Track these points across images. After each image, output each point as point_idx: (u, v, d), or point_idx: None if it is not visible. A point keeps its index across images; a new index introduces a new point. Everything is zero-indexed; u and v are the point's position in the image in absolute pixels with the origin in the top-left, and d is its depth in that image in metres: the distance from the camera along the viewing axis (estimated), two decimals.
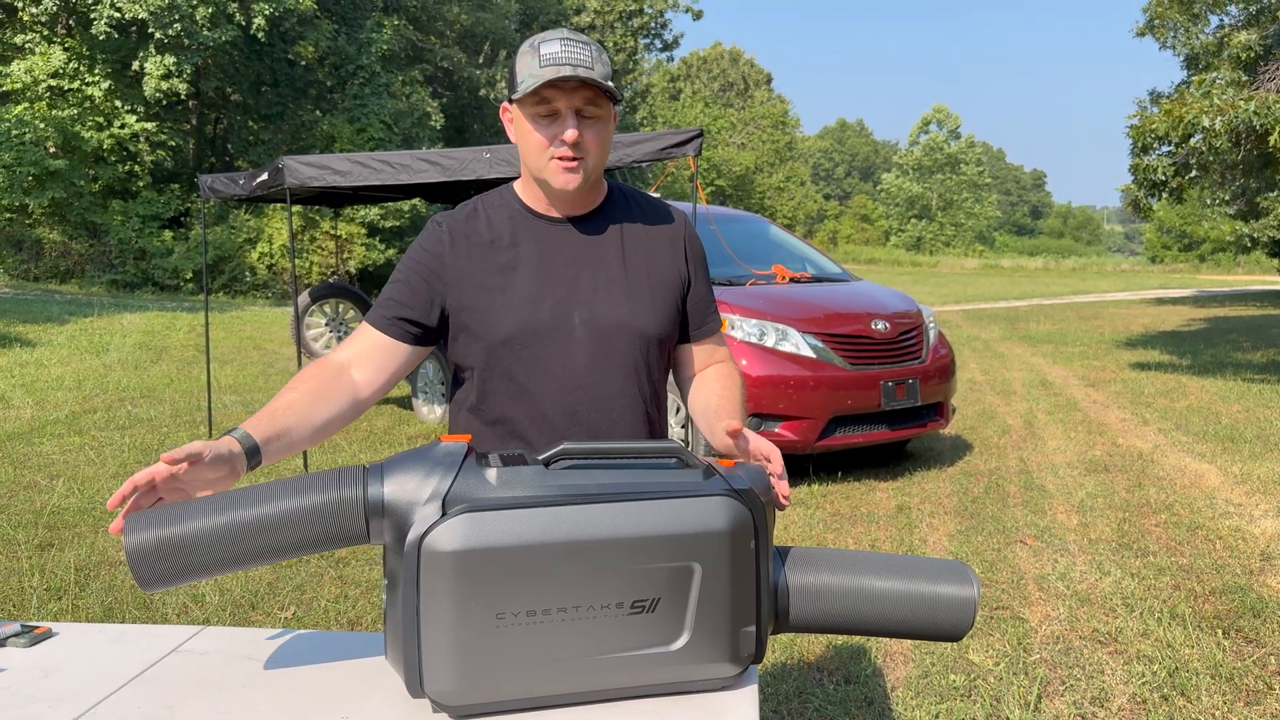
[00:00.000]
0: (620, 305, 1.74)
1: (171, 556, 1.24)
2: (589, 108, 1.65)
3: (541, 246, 1.74)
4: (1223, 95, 10.69)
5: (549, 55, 1.61)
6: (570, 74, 1.59)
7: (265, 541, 1.25)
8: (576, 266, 1.74)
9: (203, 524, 1.24)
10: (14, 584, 4.20)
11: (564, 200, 1.74)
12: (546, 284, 1.72)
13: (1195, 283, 37.89)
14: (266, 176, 7.00)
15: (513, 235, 1.75)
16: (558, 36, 1.64)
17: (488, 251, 1.74)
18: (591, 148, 1.67)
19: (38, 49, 23.43)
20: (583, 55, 1.62)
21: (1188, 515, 5.39)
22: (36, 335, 12.96)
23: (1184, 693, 3.27)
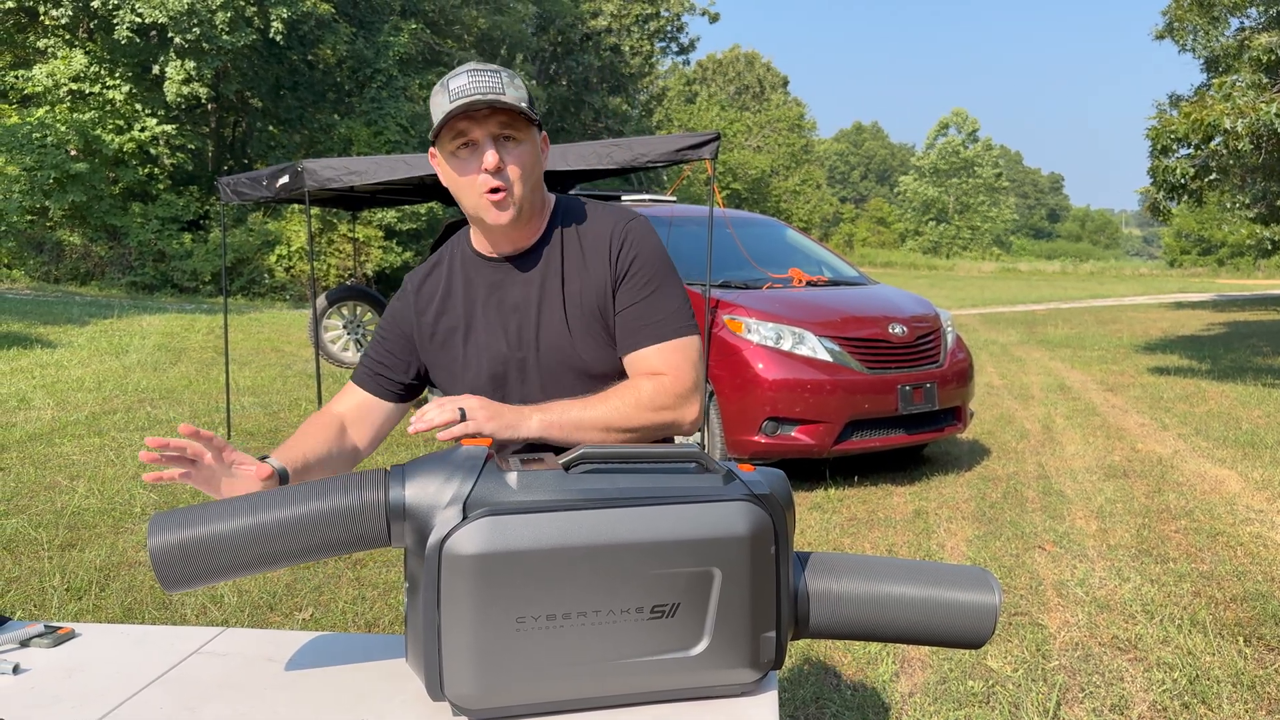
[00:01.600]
0: (563, 341, 1.69)
1: (194, 558, 1.25)
2: (507, 132, 1.62)
3: (491, 291, 1.74)
4: (1244, 98, 10.61)
5: (458, 89, 1.59)
6: (480, 100, 1.57)
7: (287, 544, 1.25)
8: (523, 306, 1.71)
9: (226, 526, 1.25)
10: (35, 584, 4.24)
11: (505, 236, 1.70)
12: (498, 330, 1.72)
13: (1214, 287, 37.61)
14: (286, 179, 7.04)
15: (465, 285, 1.76)
16: (465, 70, 1.62)
17: (445, 305, 1.76)
18: (515, 176, 1.63)
19: (59, 53, 23.65)
20: (491, 83, 1.60)
21: (1208, 521, 5.35)
22: (57, 337, 13.06)
23: (1205, 701, 3.24)
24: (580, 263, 1.71)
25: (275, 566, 1.28)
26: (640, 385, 1.65)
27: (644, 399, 1.63)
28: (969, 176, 70.80)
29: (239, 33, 23.42)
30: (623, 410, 1.61)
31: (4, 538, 4.88)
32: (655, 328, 1.68)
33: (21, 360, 10.97)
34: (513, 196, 1.64)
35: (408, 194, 9.12)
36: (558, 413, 1.59)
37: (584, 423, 1.59)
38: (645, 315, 1.68)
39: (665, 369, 1.67)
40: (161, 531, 1.25)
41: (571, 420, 1.58)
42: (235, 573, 1.26)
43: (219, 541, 1.24)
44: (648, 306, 1.69)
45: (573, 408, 1.60)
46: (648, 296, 1.69)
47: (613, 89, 42.39)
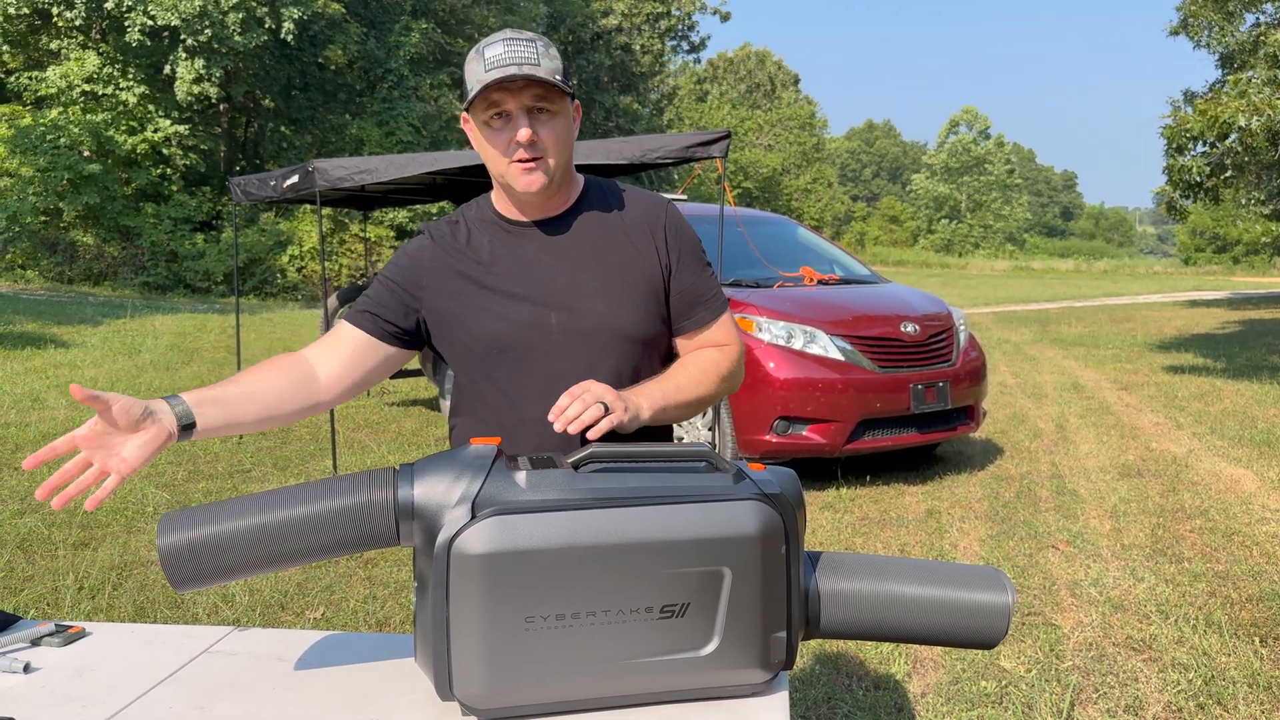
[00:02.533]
0: (596, 305, 1.70)
1: (203, 557, 1.24)
2: (541, 105, 1.62)
3: (517, 253, 1.73)
4: (1259, 94, 10.54)
5: (493, 58, 1.59)
6: (515, 73, 1.56)
7: (295, 543, 1.25)
8: (552, 270, 1.71)
9: (234, 525, 1.25)
10: (49, 583, 4.25)
11: (532, 204, 1.71)
12: (523, 290, 1.71)
13: (1229, 285, 37.38)
14: (297, 179, 7.06)
15: (489, 244, 1.74)
16: (501, 38, 1.61)
17: (465, 261, 1.74)
18: (549, 145, 1.64)
19: (72, 54, 23.78)
20: (527, 53, 1.59)
21: (1223, 521, 5.32)
22: (70, 336, 13.13)
23: (1220, 701, 3.22)
24: (622, 236, 1.75)
25: (285, 566, 1.27)
26: (711, 356, 1.77)
27: (720, 368, 1.76)
28: (981, 174, 70.55)
29: (250, 33, 23.51)
30: (704, 383, 1.72)
31: (18, 537, 4.90)
32: (711, 304, 1.80)
33: (35, 360, 11.03)
34: (545, 166, 1.65)
35: (419, 194, 9.13)
36: (659, 396, 1.63)
37: (679, 402, 1.67)
38: (702, 293, 1.79)
39: (726, 340, 1.81)
40: (170, 531, 1.25)
41: (672, 401, 1.65)
42: (245, 572, 1.26)
43: (227, 540, 1.24)
44: (698, 287, 1.78)
45: (668, 389, 1.66)
46: (700, 275, 1.79)
47: (623, 88, 42.40)
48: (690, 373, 1.72)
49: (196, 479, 6.17)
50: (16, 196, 21.78)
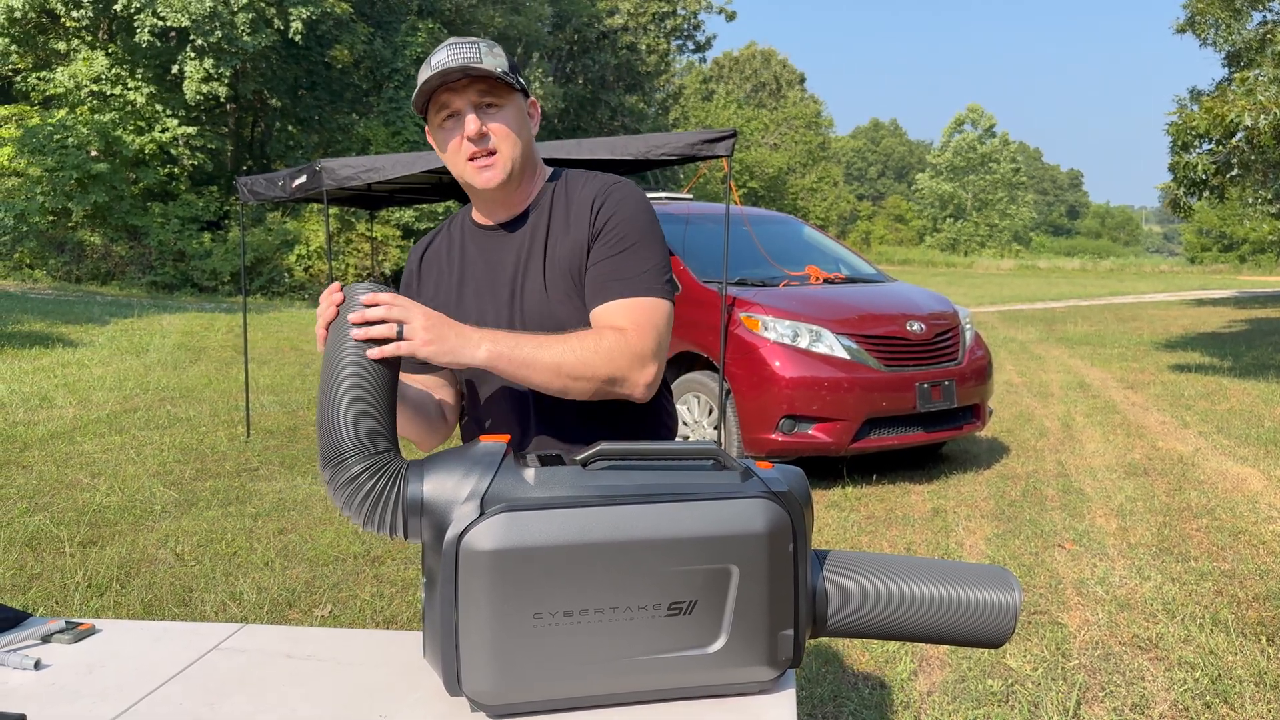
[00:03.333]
0: (540, 300, 1.70)
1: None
2: (488, 100, 1.64)
3: (486, 257, 1.76)
4: (1266, 93, 10.51)
5: (437, 63, 1.61)
6: (456, 68, 1.58)
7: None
8: (512, 269, 1.73)
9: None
10: (57, 580, 4.27)
11: (495, 202, 1.72)
12: (488, 295, 1.74)
13: (1236, 283, 37.27)
14: (304, 179, 7.07)
15: (461, 253, 1.79)
16: (445, 45, 1.64)
17: (443, 273, 1.79)
18: (500, 137, 1.64)
19: (80, 55, 23.84)
20: (469, 53, 1.61)
21: (1230, 520, 5.31)
22: (78, 336, 13.17)
23: (1227, 700, 3.22)
24: (564, 225, 1.70)
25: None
26: (601, 334, 1.58)
27: (601, 349, 1.56)
28: (986, 173, 70.41)
29: (259, 34, 23.55)
30: (579, 355, 1.54)
31: (26, 535, 4.92)
32: (623, 284, 1.63)
33: (43, 359, 11.06)
34: (501, 159, 1.65)
35: (425, 193, 9.14)
36: (509, 345, 1.50)
37: (536, 361, 1.51)
38: (615, 271, 1.64)
39: (628, 325, 1.60)
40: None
41: (523, 356, 1.50)
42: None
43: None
44: (619, 263, 1.64)
45: (526, 343, 1.52)
46: (620, 253, 1.65)
47: (629, 87, 42.38)
48: (568, 341, 1.55)
49: (204, 477, 6.19)
50: (24, 196, 21.85)
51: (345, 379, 1.31)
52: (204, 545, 4.82)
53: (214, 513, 5.40)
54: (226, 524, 5.19)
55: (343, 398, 1.30)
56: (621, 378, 1.58)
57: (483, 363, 1.48)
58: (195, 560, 4.60)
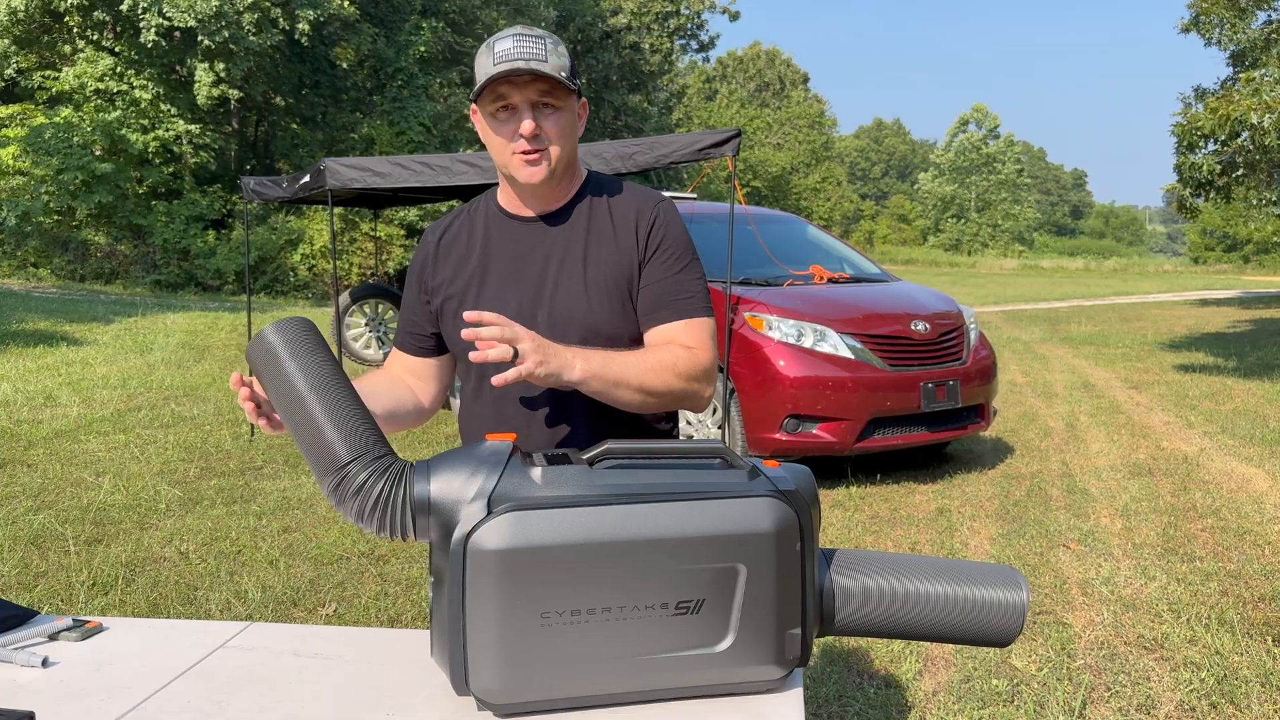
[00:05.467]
0: (577, 302, 1.71)
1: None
2: (546, 100, 1.65)
3: (513, 247, 1.76)
4: (1271, 92, 10.49)
5: (501, 52, 1.62)
6: (523, 68, 1.59)
7: None
8: (543, 265, 1.74)
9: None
10: (62, 579, 4.28)
11: (534, 196, 1.74)
12: (513, 285, 1.73)
13: (1240, 284, 37.20)
14: (308, 178, 7.08)
15: (485, 238, 1.78)
16: (511, 33, 1.64)
17: (464, 257, 1.78)
18: (553, 137, 1.67)
19: (84, 53, 23.87)
20: (535, 49, 1.62)
21: (1235, 520, 5.30)
22: (83, 334, 13.19)
23: (1233, 700, 3.21)
24: (609, 232, 1.74)
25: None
26: (677, 352, 1.66)
27: (680, 366, 1.65)
28: (990, 173, 70.33)
29: (265, 34, 23.57)
30: (660, 373, 1.62)
31: (31, 533, 4.93)
32: (682, 304, 1.72)
33: (48, 358, 11.08)
34: (548, 158, 1.67)
35: (430, 192, 9.15)
36: (599, 364, 1.55)
37: (625, 380, 1.58)
38: (672, 291, 1.72)
39: (694, 344, 1.70)
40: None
41: (613, 376, 1.57)
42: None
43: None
44: (674, 284, 1.72)
45: (614, 363, 1.57)
46: (677, 274, 1.73)
47: (633, 87, 42.37)
48: (646, 359, 1.62)
49: (209, 475, 6.20)
50: (29, 195, 21.88)
51: (312, 398, 1.29)
52: (208, 544, 4.83)
53: (218, 511, 5.41)
54: (231, 522, 5.19)
55: (319, 414, 1.28)
56: (694, 393, 1.69)
57: (576, 381, 1.53)
58: (200, 559, 4.61)
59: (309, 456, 1.29)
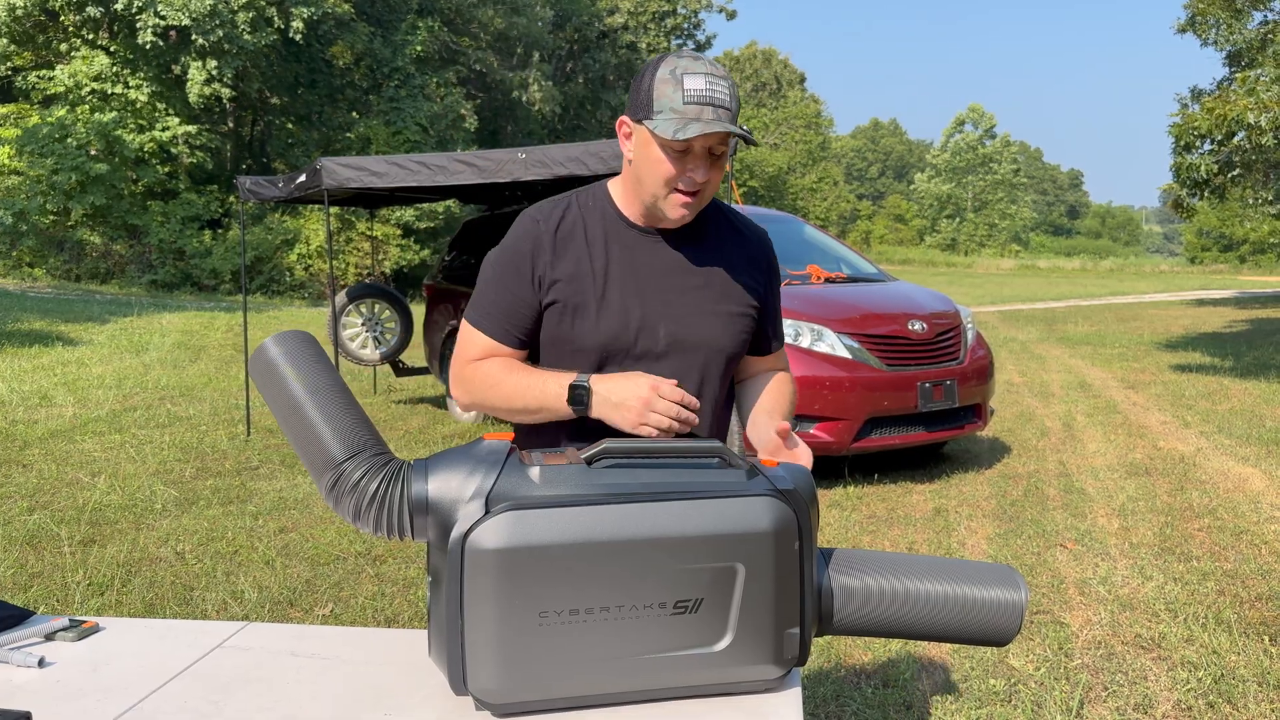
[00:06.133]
0: (703, 323, 1.74)
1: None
2: (720, 148, 1.65)
3: (633, 257, 1.73)
4: (1267, 92, 10.51)
5: (694, 92, 1.58)
6: (717, 127, 1.56)
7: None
8: (665, 280, 1.73)
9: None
10: (58, 579, 4.27)
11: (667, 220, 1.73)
12: (636, 296, 1.71)
13: (1236, 284, 37.26)
14: (304, 178, 7.07)
15: (605, 242, 1.73)
16: (702, 71, 1.60)
17: (581, 256, 1.72)
18: (709, 186, 1.68)
19: (80, 52, 23.82)
20: (724, 96, 1.60)
21: (1232, 520, 5.30)
22: (78, 334, 13.17)
23: (1230, 700, 3.21)
24: (741, 261, 1.81)
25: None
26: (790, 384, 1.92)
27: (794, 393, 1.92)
28: (986, 173, 70.39)
29: (260, 32, 23.54)
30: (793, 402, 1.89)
31: (27, 533, 4.92)
32: (780, 333, 1.95)
33: (43, 358, 11.06)
34: (699, 201, 1.68)
35: (426, 191, 9.14)
36: (787, 413, 1.82)
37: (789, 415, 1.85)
38: (777, 322, 1.92)
39: (783, 364, 1.96)
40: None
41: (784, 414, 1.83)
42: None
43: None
44: (779, 314, 1.92)
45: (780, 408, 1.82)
46: (779, 306, 1.92)
47: (629, 86, 42.36)
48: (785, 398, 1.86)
49: (204, 476, 6.19)
50: (25, 195, 21.84)
51: (309, 403, 1.28)
52: (205, 544, 4.82)
53: (214, 511, 5.40)
54: (227, 522, 5.18)
55: (315, 417, 1.28)
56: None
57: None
58: (196, 559, 4.60)
59: (306, 458, 1.29)
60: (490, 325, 1.73)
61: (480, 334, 1.74)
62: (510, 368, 1.71)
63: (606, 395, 1.60)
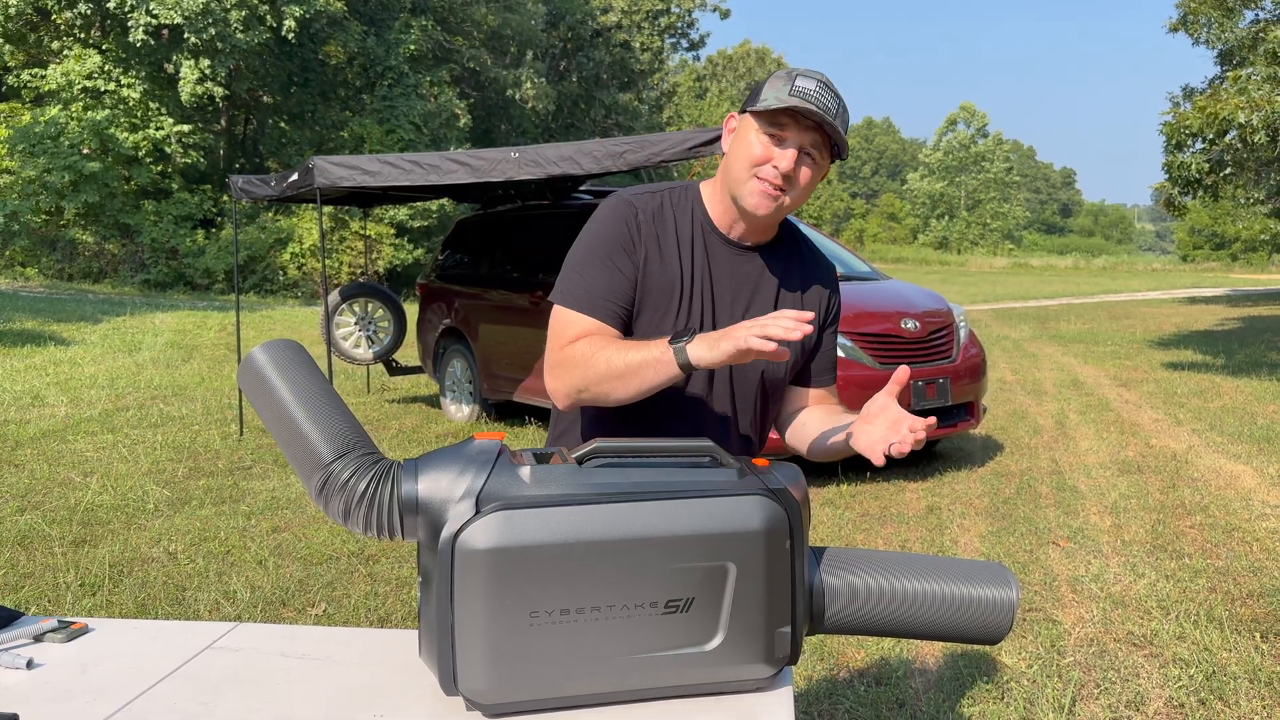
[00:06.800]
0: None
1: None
2: (813, 149, 1.64)
3: (714, 266, 1.74)
4: (1259, 91, 10.53)
5: (801, 89, 1.60)
6: (815, 111, 1.57)
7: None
8: (735, 295, 1.74)
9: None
10: (49, 580, 4.25)
11: (748, 222, 1.72)
12: (709, 305, 1.72)
13: (1228, 282, 37.38)
14: (297, 177, 7.06)
15: (692, 244, 1.73)
16: (816, 77, 1.63)
17: (671, 252, 1.71)
18: (799, 185, 1.66)
19: (72, 50, 23.74)
20: (829, 103, 1.61)
21: (1223, 517, 5.32)
22: (70, 334, 13.13)
23: (1222, 697, 3.22)
24: (800, 287, 1.81)
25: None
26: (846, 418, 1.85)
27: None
28: (979, 172, 70.49)
29: (253, 31, 23.49)
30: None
31: (18, 533, 4.90)
32: (834, 368, 1.93)
33: (35, 357, 11.03)
34: (784, 200, 1.66)
35: (419, 190, 9.13)
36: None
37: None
38: (831, 357, 1.90)
39: (837, 399, 1.94)
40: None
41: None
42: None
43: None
44: (835, 350, 1.91)
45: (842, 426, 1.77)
46: (832, 348, 1.90)
47: (623, 85, 42.34)
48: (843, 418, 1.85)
49: (197, 475, 6.18)
50: (17, 194, 21.77)
51: (296, 407, 1.28)
52: (197, 544, 4.81)
53: (207, 511, 5.39)
54: (219, 522, 5.17)
55: (303, 421, 1.27)
56: None
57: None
58: (188, 559, 4.59)
59: (295, 462, 1.28)
60: (592, 305, 1.67)
61: (579, 315, 1.67)
62: (606, 340, 1.63)
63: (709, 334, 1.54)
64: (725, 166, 1.70)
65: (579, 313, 1.67)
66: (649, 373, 1.55)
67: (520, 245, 7.88)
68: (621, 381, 1.57)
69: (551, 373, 1.68)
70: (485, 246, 8.35)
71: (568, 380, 1.65)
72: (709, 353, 1.49)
